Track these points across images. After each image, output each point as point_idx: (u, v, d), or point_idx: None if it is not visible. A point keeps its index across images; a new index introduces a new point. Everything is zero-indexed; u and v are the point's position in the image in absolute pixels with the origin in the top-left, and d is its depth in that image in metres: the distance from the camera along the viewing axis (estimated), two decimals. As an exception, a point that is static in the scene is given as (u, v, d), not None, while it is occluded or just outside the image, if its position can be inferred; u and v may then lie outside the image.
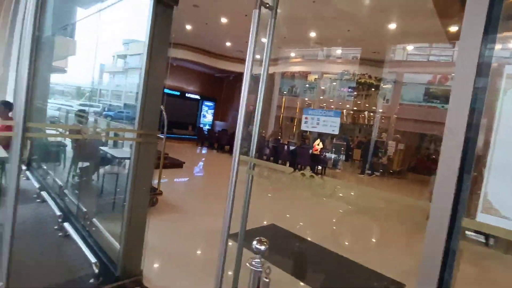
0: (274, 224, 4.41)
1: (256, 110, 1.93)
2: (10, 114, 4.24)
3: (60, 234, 3.09)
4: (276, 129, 13.63)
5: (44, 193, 4.08)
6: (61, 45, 6.62)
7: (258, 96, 1.80)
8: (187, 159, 8.22)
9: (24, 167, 5.15)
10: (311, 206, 5.78)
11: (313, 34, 9.75)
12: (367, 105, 13.63)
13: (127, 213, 2.46)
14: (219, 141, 12.46)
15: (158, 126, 2.61)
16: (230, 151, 11.60)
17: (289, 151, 9.71)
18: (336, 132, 1.83)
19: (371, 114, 13.64)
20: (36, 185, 4.41)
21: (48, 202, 3.77)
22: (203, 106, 15.86)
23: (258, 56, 1.79)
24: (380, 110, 13.05)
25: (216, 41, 11.82)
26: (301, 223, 4.99)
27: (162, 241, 3.36)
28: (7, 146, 3.84)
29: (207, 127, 15.62)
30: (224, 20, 9.35)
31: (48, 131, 4.28)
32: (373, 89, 12.96)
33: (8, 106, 4.44)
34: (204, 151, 12.44)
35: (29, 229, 3.14)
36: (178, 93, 14.41)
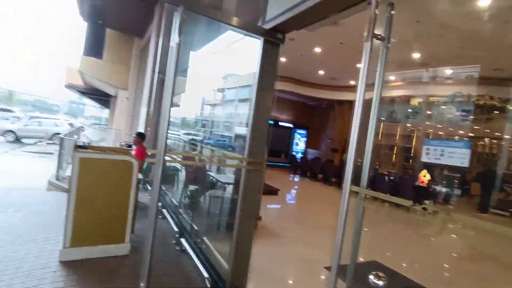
0: (376, 261, 3.99)
1: (352, 136, 1.81)
2: (143, 143, 5.21)
3: (178, 248, 3.52)
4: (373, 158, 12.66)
5: (164, 210, 4.78)
6: (178, 85, 7.95)
7: (353, 123, 1.72)
8: (281, 186, 8.38)
9: (148, 187, 6.16)
10: (418, 244, 5.02)
11: (416, 55, 9.00)
12: (487, 130, 11.42)
13: (235, 235, 2.64)
14: (312, 169, 12.34)
15: (265, 154, 2.78)
16: (324, 180, 11.35)
17: (390, 182, 8.84)
18: (466, 164, 1.61)
19: (494, 141, 11.34)
20: (158, 203, 5.19)
21: (167, 219, 4.38)
22: (295, 134, 16.17)
23: (352, 82, 1.76)
24: (509, 137, 10.71)
25: (309, 70, 12.13)
26: (408, 263, 4.37)
27: (262, 264, 3.44)
28: (139, 169, 4.70)
29: (299, 155, 15.75)
30: (318, 50, 9.58)
31: (167, 157, 5.07)
32: (496, 112, 10.85)
33: (142, 136, 5.47)
34: (296, 178, 12.48)
35: (156, 241, 3.68)
36: (272, 122, 15.12)
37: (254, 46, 3.01)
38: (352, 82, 13.08)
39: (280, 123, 15.66)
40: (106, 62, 13.75)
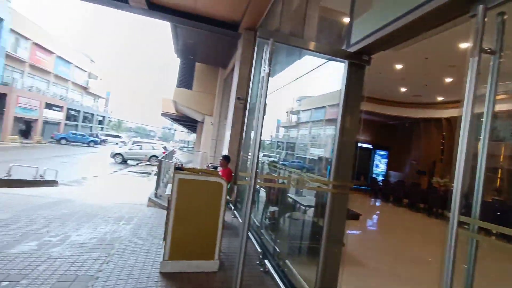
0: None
1: (459, 158, 1.61)
2: (228, 165, 5.59)
3: (262, 269, 3.59)
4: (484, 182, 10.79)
5: (246, 230, 4.95)
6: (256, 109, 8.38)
7: (460, 144, 1.53)
8: (362, 210, 7.83)
9: (232, 207, 6.50)
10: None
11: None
12: None
13: (321, 262, 2.58)
14: (395, 193, 11.24)
15: (351, 177, 2.70)
16: (409, 205, 10.18)
17: (496, 211, 7.40)
18: None
19: None
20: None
21: (251, 238, 4.52)
22: (375, 155, 15.12)
23: (440, 98, 1.59)
24: None
25: (389, 88, 11.40)
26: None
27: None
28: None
29: (380, 177, 14.59)
30: (399, 66, 9.00)
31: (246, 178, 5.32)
32: None
33: (228, 159, 5.87)
34: (378, 203, 11.52)
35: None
36: (349, 143, 14.52)
37: (329, 68, 3.04)
38: (440, 98, 11.76)
39: (359, 144, 14.88)
40: (195, 91, 15.67)
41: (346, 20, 2.74)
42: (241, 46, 7.38)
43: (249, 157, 6.96)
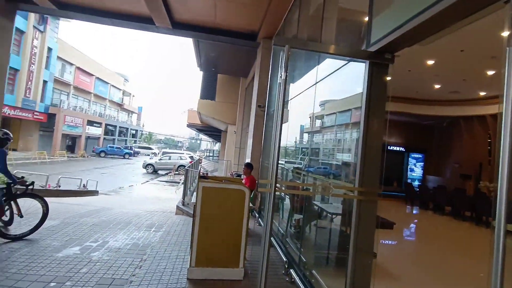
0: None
1: (502, 158, 1.42)
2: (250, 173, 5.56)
3: (287, 279, 3.48)
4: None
5: (271, 238, 4.86)
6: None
7: (503, 142, 1.36)
8: (396, 219, 7.38)
9: (256, 215, 6.44)
10: None
11: None
12: None
13: (350, 272, 2.43)
14: (436, 200, 10.47)
15: (379, 183, 2.54)
16: (453, 213, 9.40)
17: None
18: None
19: None
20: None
21: (275, 246, 4.43)
22: (409, 158, 14.31)
23: (483, 93, 1.42)
24: None
25: (421, 86, 10.80)
26: None
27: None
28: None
29: (416, 182, 13.73)
30: (431, 62, 8.50)
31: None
32: None
33: (250, 166, 5.86)
34: (415, 211, 10.83)
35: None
36: (379, 147, 13.92)
37: (353, 69, 2.92)
38: (483, 93, 10.89)
39: (390, 147, 14.19)
40: (217, 102, 16.07)
41: (365, 19, 2.62)
42: (260, 55, 7.43)
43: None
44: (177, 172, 23.35)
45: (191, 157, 27.07)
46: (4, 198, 4.06)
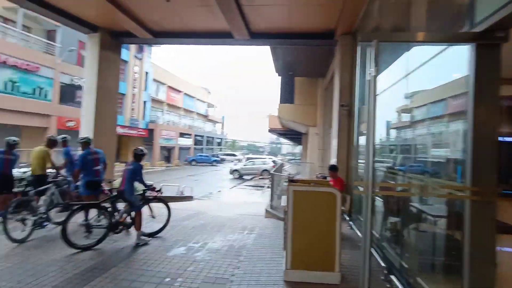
0: None
1: None
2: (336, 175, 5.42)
3: (388, 285, 3.27)
4: None
5: (367, 243, 4.62)
6: (363, 113, 7.85)
7: None
8: (521, 223, 6.11)
9: (347, 218, 6.21)
10: None
11: None
12: None
13: (467, 283, 2.17)
14: None
15: (496, 181, 2.21)
16: None
17: None
18: None
19: None
20: (359, 233, 5.11)
21: (372, 252, 4.20)
22: (533, 150, 11.64)
23: None
24: None
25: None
26: None
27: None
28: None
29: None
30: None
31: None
32: None
33: (335, 168, 5.70)
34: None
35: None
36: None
37: (443, 55, 2.61)
38: None
39: (504, 139, 11.78)
40: (297, 105, 16.16)
41: (465, -4, 2.33)
42: (339, 52, 7.19)
43: (359, 164, 6.55)
44: (261, 177, 24.28)
45: (274, 162, 27.81)
46: (141, 202, 4.99)
